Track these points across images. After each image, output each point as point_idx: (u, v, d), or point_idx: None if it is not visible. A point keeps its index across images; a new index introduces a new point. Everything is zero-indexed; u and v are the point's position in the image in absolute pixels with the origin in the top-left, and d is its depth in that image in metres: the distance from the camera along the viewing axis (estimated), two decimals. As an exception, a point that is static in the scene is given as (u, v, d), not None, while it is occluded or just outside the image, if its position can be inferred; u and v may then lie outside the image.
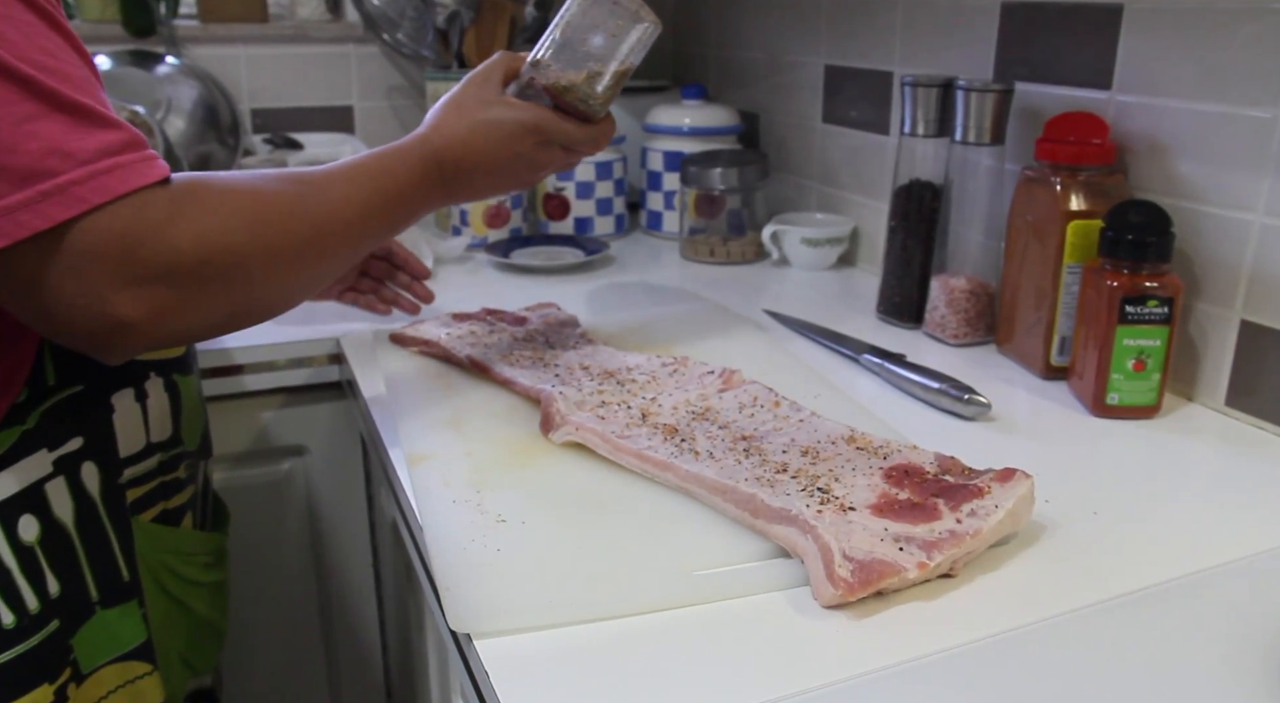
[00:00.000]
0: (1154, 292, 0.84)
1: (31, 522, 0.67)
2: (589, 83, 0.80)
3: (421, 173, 0.76)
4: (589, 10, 0.80)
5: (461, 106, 0.80)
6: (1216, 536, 0.69)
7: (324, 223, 0.68)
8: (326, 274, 0.71)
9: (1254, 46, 0.82)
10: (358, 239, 0.72)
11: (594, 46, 0.80)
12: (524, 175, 0.82)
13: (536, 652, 0.56)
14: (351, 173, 0.72)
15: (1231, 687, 0.54)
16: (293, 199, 0.66)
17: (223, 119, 1.54)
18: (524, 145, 0.80)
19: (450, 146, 0.78)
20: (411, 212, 0.77)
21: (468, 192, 0.81)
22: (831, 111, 1.40)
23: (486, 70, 0.82)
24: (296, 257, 0.66)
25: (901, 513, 0.63)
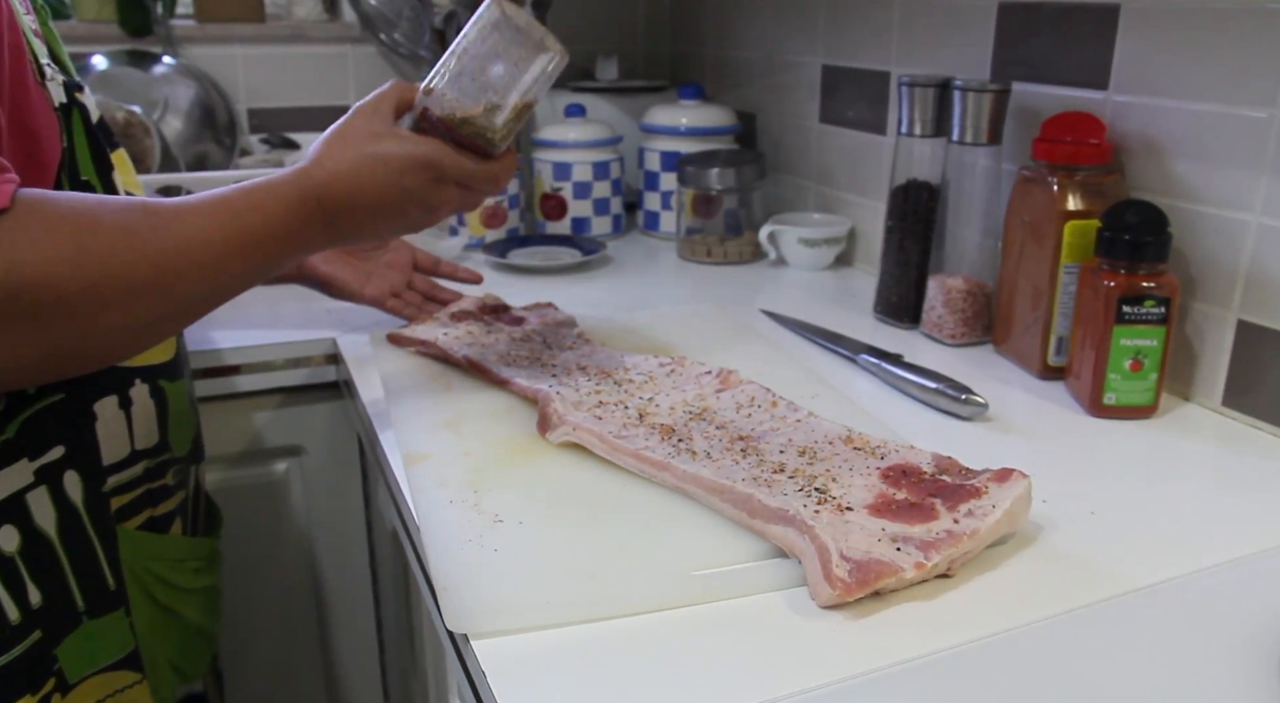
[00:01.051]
0: (1151, 292, 0.84)
1: (11, 532, 0.66)
2: (487, 115, 0.75)
3: (298, 210, 0.69)
4: (489, 37, 0.75)
5: (347, 139, 0.73)
6: (1214, 535, 0.69)
7: (169, 261, 0.61)
8: (173, 317, 0.65)
9: (1250, 46, 0.83)
10: (212, 279, 0.65)
11: (494, 76, 0.75)
12: (416, 215, 0.76)
13: (534, 652, 0.56)
14: (211, 208, 0.65)
15: (1229, 686, 0.54)
16: (135, 233, 0.60)
17: (219, 119, 1.54)
18: (415, 182, 0.73)
19: (333, 182, 0.71)
20: (283, 253, 0.70)
21: (353, 232, 0.74)
22: (828, 111, 1.40)
23: (376, 100, 0.76)
24: (129, 297, 0.59)
25: (899, 513, 0.63)
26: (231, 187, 0.68)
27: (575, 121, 1.48)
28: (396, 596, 1.10)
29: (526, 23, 0.76)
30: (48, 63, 0.68)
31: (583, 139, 1.46)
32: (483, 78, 0.75)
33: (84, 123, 0.71)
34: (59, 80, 0.69)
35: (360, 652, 1.21)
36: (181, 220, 0.63)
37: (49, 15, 0.75)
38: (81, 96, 0.71)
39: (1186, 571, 0.64)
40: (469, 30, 0.76)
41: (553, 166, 1.46)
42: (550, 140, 1.47)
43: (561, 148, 1.46)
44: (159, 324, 0.64)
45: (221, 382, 1.05)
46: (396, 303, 1.07)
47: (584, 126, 1.47)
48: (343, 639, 1.20)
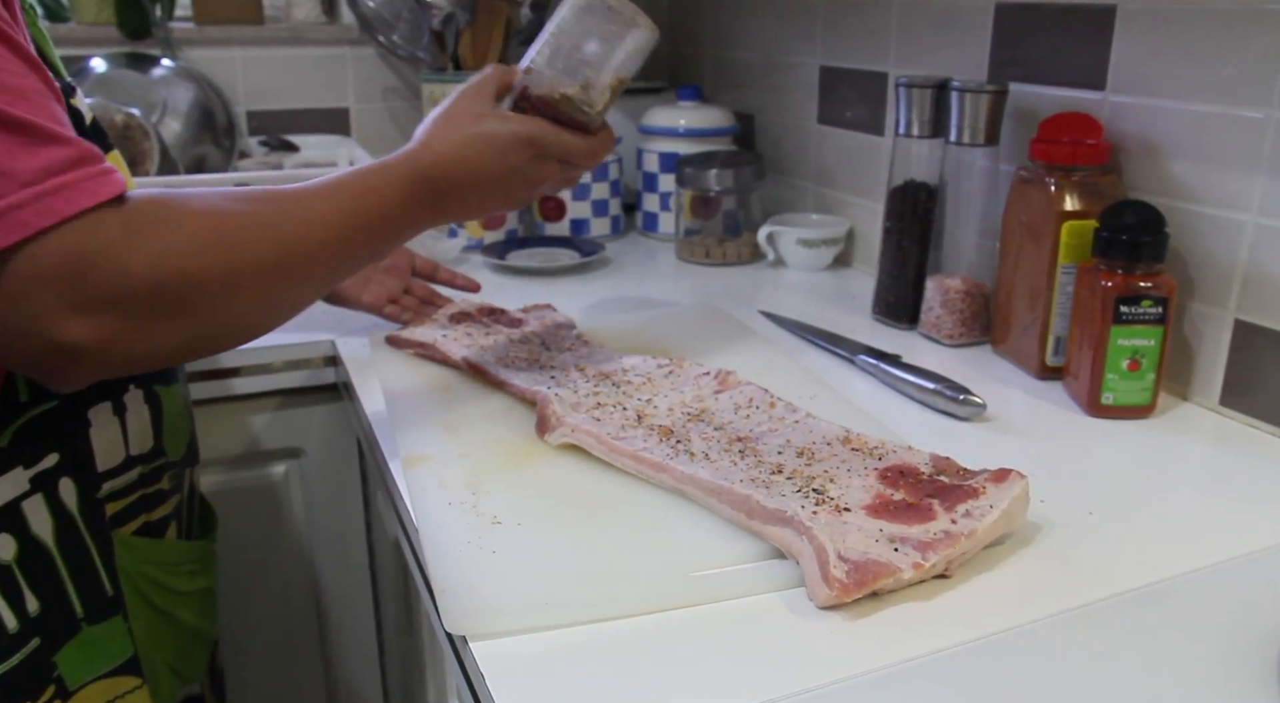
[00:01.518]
0: (1148, 292, 0.84)
1: (8, 541, 0.66)
2: (584, 92, 0.78)
3: (408, 191, 0.72)
4: (582, 16, 0.78)
5: (453, 120, 0.76)
6: (1211, 535, 0.69)
7: (294, 245, 0.64)
8: (300, 298, 0.68)
9: (1247, 47, 0.83)
10: (335, 262, 0.68)
11: (588, 54, 0.78)
12: (520, 191, 0.79)
13: (532, 653, 0.56)
14: (329, 191, 0.68)
15: (1227, 686, 0.54)
16: (259, 219, 0.63)
17: (218, 121, 1.54)
18: (519, 160, 0.76)
19: (441, 163, 0.74)
20: (397, 232, 0.73)
21: (460, 210, 0.77)
22: (827, 112, 1.41)
23: (479, 83, 0.79)
24: (262, 281, 0.62)
25: (896, 514, 0.64)
26: (346, 170, 0.71)
27: (573, 123, 1.48)
28: (396, 597, 1.10)
29: (618, 1, 0.79)
30: None
31: (581, 140, 1.46)
32: (578, 56, 0.78)
33: (77, 127, 0.69)
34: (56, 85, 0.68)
35: (360, 654, 1.22)
36: (302, 205, 0.66)
37: (36, 15, 0.75)
38: (75, 101, 0.71)
39: (1184, 570, 0.64)
40: (563, 10, 0.79)
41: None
42: (549, 142, 1.47)
43: (560, 149, 1.46)
44: (288, 304, 0.67)
45: (220, 384, 1.06)
46: (394, 309, 1.07)
47: (582, 128, 1.47)
48: (343, 641, 1.20)
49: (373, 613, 1.21)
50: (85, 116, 0.72)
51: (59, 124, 0.55)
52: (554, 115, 0.78)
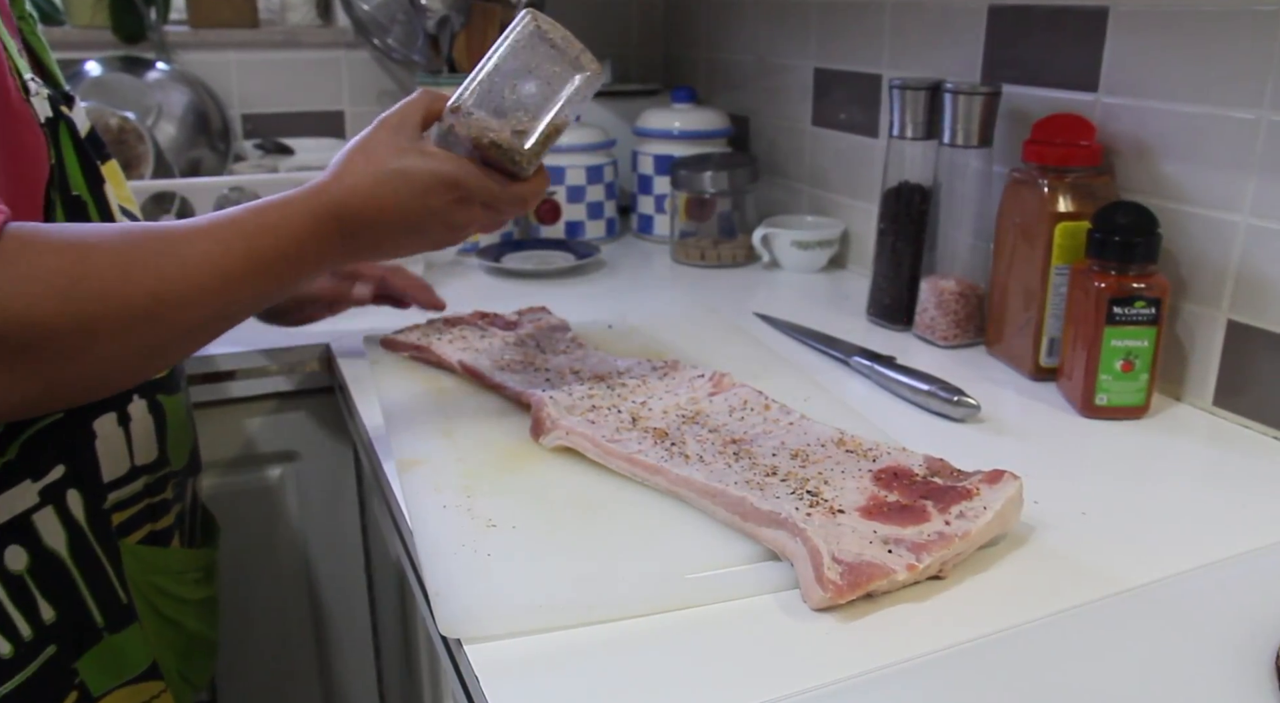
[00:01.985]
0: (1141, 293, 0.84)
1: (19, 552, 0.66)
2: (516, 137, 0.71)
3: (314, 229, 0.67)
4: (520, 52, 0.72)
5: (369, 152, 0.70)
6: (1205, 535, 0.69)
7: (169, 288, 0.59)
8: (180, 346, 0.63)
9: (1238, 48, 0.83)
10: (218, 305, 0.62)
11: (524, 95, 0.71)
12: (438, 234, 0.73)
13: (527, 656, 0.56)
14: (219, 230, 0.63)
15: (1222, 685, 0.54)
16: (129, 258, 0.57)
17: (213, 125, 1.55)
18: (439, 202, 0.70)
19: (353, 199, 0.68)
20: (297, 272, 0.67)
21: (372, 250, 0.71)
22: (821, 114, 1.41)
23: (403, 111, 0.73)
24: (128, 328, 0.57)
25: (890, 515, 0.64)
26: (244, 206, 0.66)
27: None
28: (392, 600, 1.10)
29: (563, 38, 0.73)
30: (31, 78, 0.67)
31: (576, 143, 1.46)
32: (513, 97, 0.71)
33: (72, 137, 0.70)
34: (44, 94, 0.68)
35: (356, 657, 1.22)
36: (186, 244, 0.61)
37: (36, 23, 0.74)
38: (69, 110, 0.70)
39: (1178, 570, 0.65)
40: (501, 45, 0.72)
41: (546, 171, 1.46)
42: (543, 144, 1.47)
43: (555, 152, 1.46)
44: (160, 353, 0.62)
45: (215, 388, 1.06)
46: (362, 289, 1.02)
47: (577, 130, 1.47)
48: (338, 644, 1.20)
49: (369, 616, 1.21)
50: (81, 126, 0.71)
51: None
52: (482, 156, 0.72)
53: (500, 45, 0.72)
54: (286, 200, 0.67)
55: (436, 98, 0.74)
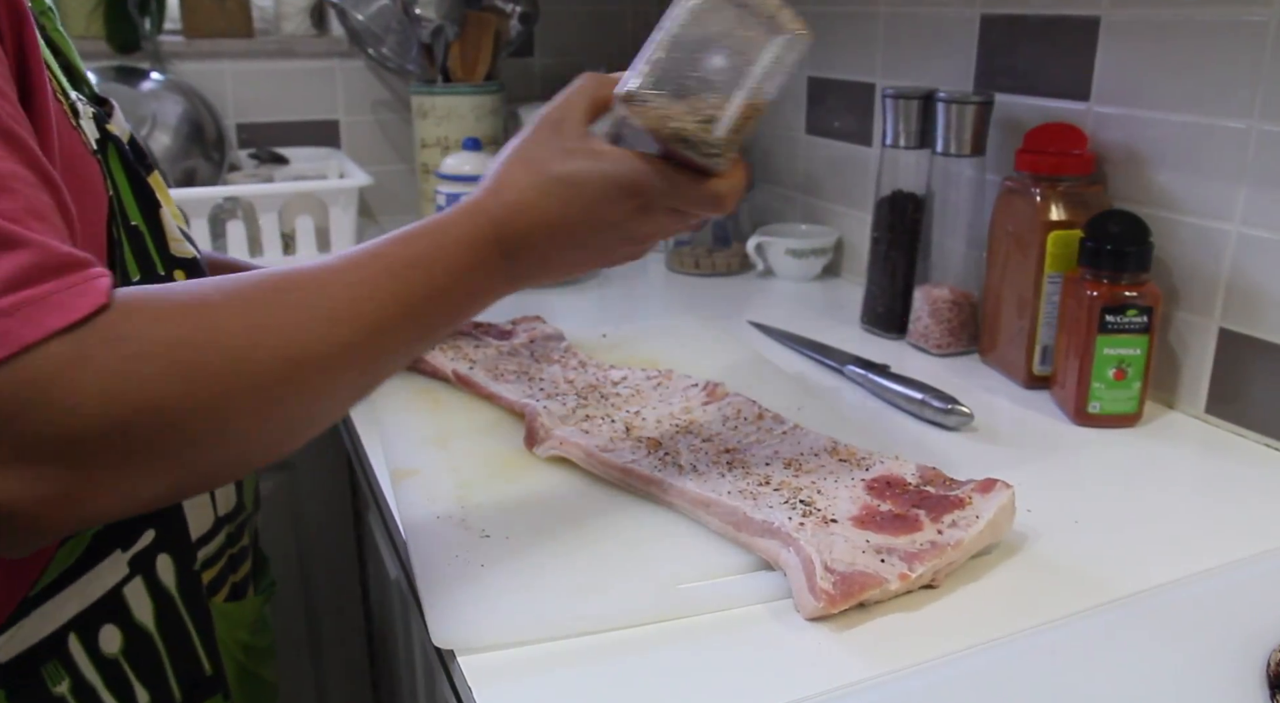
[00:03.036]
0: (1133, 301, 0.85)
1: (113, 632, 0.60)
2: (704, 126, 0.58)
3: (471, 257, 0.57)
4: (701, 17, 0.58)
5: (530, 159, 0.60)
6: (1198, 543, 0.69)
7: (308, 351, 0.49)
8: (327, 410, 0.53)
9: (1229, 58, 0.83)
10: (367, 361, 0.53)
11: (711, 71, 0.58)
12: (618, 249, 0.62)
13: (520, 667, 0.56)
14: (361, 268, 0.53)
15: (1214, 693, 0.54)
16: (258, 318, 0.48)
17: (208, 135, 1.55)
18: (617, 212, 0.59)
19: (513, 216, 0.58)
20: (458, 310, 0.58)
21: (540, 273, 0.61)
22: (815, 123, 1.41)
23: (565, 104, 0.61)
24: (265, 401, 0.48)
25: (883, 524, 0.64)
26: (386, 238, 0.56)
27: (563, 135, 1.48)
28: (386, 610, 1.10)
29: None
30: (77, 97, 0.60)
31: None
32: (696, 74, 0.58)
33: (122, 159, 0.62)
34: (90, 113, 0.60)
35: (351, 666, 1.21)
36: (323, 292, 0.51)
37: (55, 17, 0.64)
38: (112, 125, 0.62)
39: (1171, 578, 0.65)
40: (675, 10, 0.59)
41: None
42: (538, 153, 1.47)
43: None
44: (305, 424, 0.52)
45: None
46: None
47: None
48: (334, 654, 1.20)
49: (363, 626, 1.21)
50: (122, 135, 0.65)
51: (31, 216, 0.43)
52: (665, 150, 0.59)
53: (674, 11, 0.59)
54: (440, 225, 0.57)
55: (603, 84, 0.62)
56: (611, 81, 0.61)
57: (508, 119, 1.62)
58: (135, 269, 0.60)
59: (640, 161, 0.59)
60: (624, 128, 0.61)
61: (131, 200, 0.62)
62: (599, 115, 0.62)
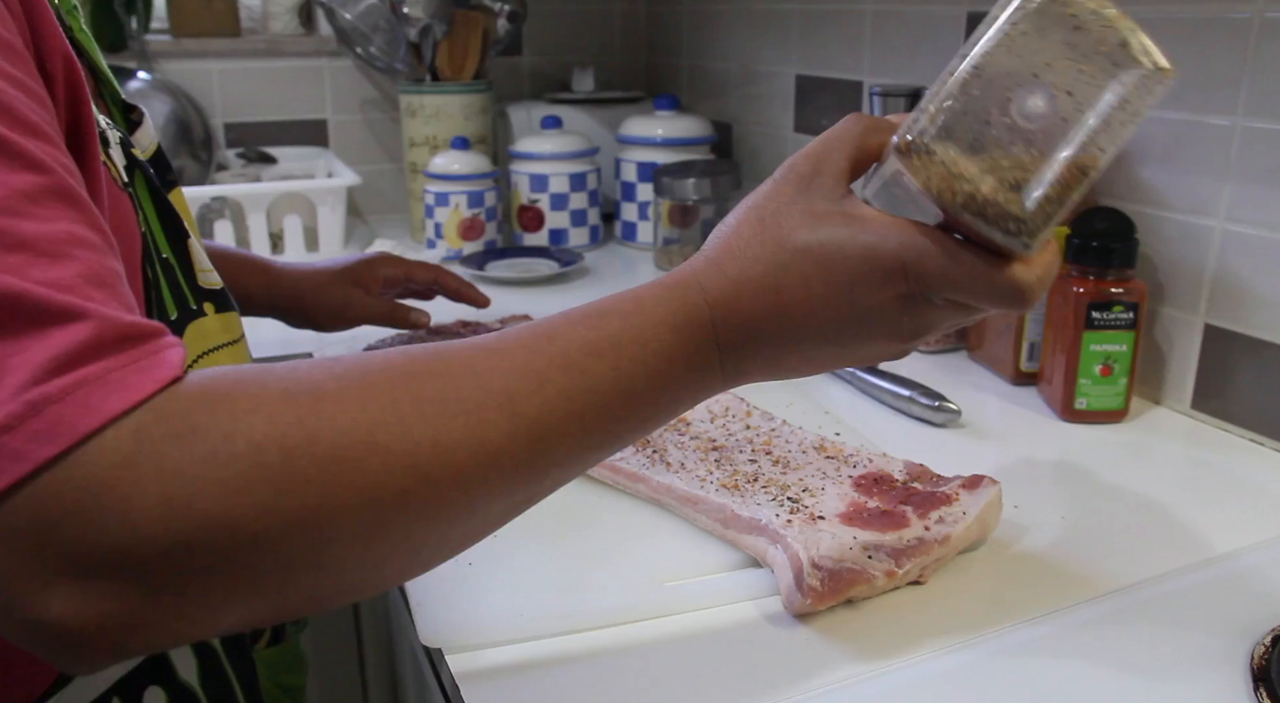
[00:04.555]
0: (1119, 297, 0.85)
1: (157, 693, 0.56)
2: (1009, 191, 0.43)
3: (676, 344, 0.44)
4: (1019, 43, 0.43)
5: (767, 222, 0.46)
6: (1184, 538, 0.70)
7: (447, 460, 0.38)
8: (464, 536, 0.42)
9: (1213, 56, 0.84)
10: (524, 476, 0.41)
11: (1026, 116, 0.43)
12: (873, 346, 0.48)
13: (509, 665, 0.56)
14: (524, 354, 0.42)
15: (1200, 687, 0.54)
16: (386, 417, 0.37)
17: (195, 134, 1.54)
18: (878, 298, 0.45)
19: (740, 296, 0.45)
20: (651, 415, 0.45)
21: (767, 373, 0.48)
22: (803, 121, 1.41)
23: (819, 154, 0.48)
24: (378, 523, 0.37)
25: (870, 521, 0.64)
26: (567, 314, 0.45)
27: (551, 133, 1.48)
28: (375, 610, 1.10)
29: (1093, 13, 0.44)
30: (108, 124, 0.54)
31: (559, 151, 1.47)
32: (1004, 120, 0.43)
33: (148, 185, 0.56)
34: (117, 139, 0.54)
35: (340, 666, 1.21)
36: (471, 384, 0.40)
37: (81, 16, 0.57)
38: (136, 149, 0.56)
39: (1157, 573, 0.65)
40: (985, 32, 0.44)
41: (529, 178, 1.47)
42: (526, 152, 1.47)
43: (538, 160, 1.47)
44: (434, 550, 0.42)
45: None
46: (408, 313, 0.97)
47: (560, 138, 1.48)
48: (322, 653, 1.20)
49: (353, 626, 1.21)
50: (147, 145, 0.60)
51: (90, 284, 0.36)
52: (951, 220, 0.44)
53: (983, 32, 0.44)
54: (635, 301, 0.45)
55: (873, 128, 0.48)
56: (886, 126, 0.48)
57: (496, 118, 1.62)
58: (173, 307, 0.56)
59: (916, 234, 0.44)
60: (896, 189, 0.46)
61: (160, 233, 0.56)
62: (865, 169, 0.49)
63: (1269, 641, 0.56)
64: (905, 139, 0.44)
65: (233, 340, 0.63)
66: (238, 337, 0.64)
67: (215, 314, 0.60)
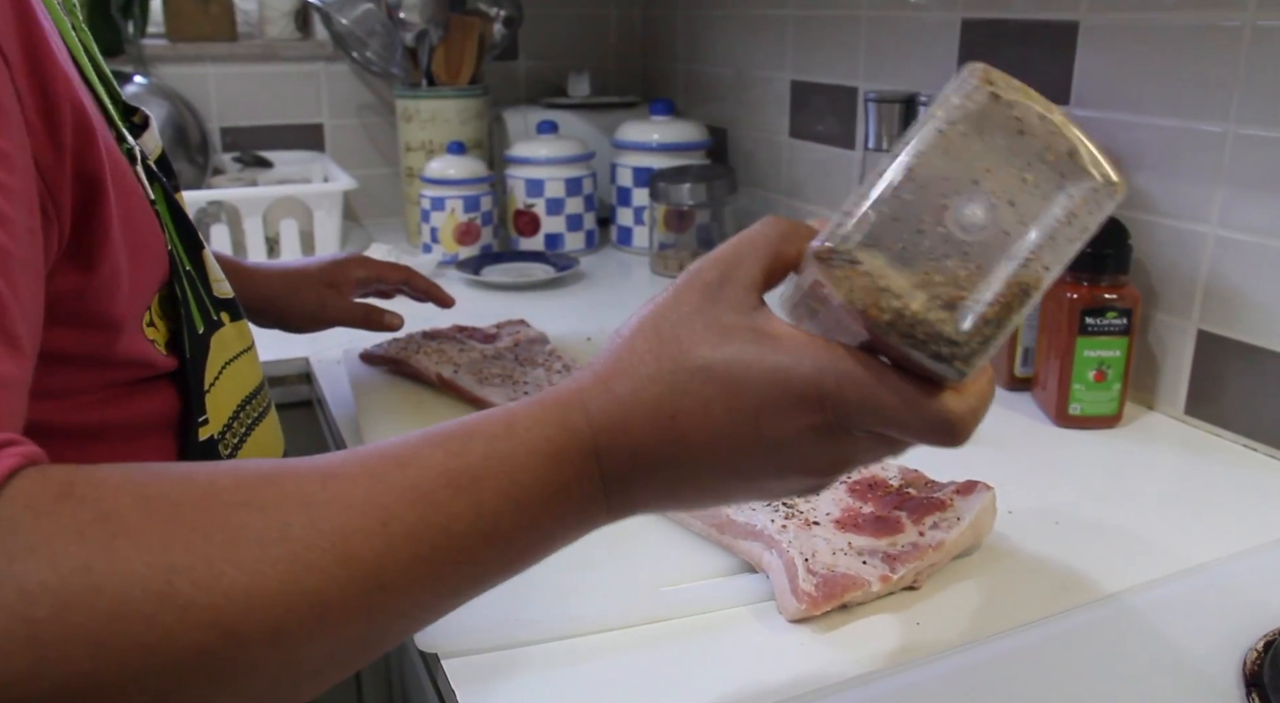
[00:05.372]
0: (1113, 303, 0.85)
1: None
2: (943, 310, 0.38)
3: (551, 474, 0.39)
4: (957, 143, 0.39)
5: (664, 336, 0.40)
6: (1177, 543, 0.70)
7: (255, 615, 0.33)
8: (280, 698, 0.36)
9: (1205, 62, 0.84)
10: (363, 629, 0.36)
11: (962, 226, 0.39)
12: (784, 482, 0.42)
13: (504, 669, 0.56)
14: (370, 483, 0.36)
15: (1192, 692, 0.54)
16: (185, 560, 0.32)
17: (192, 138, 1.54)
18: (789, 426, 0.39)
19: (629, 420, 0.40)
20: (519, 556, 0.40)
21: (659, 507, 0.43)
22: (798, 126, 1.42)
23: (728, 259, 0.42)
24: (172, 687, 0.32)
25: (865, 527, 0.64)
26: (426, 434, 0.39)
27: (547, 138, 1.49)
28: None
29: (1040, 117, 0.40)
30: (132, 143, 0.52)
31: (555, 155, 1.47)
32: (939, 230, 0.39)
33: (166, 198, 0.54)
34: (137, 151, 0.52)
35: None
36: (307, 522, 0.34)
37: (78, 15, 0.54)
38: (151, 160, 0.55)
39: (1150, 579, 0.65)
40: (920, 127, 0.40)
41: (525, 183, 1.47)
42: (522, 157, 1.47)
43: (534, 164, 1.47)
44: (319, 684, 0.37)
45: (194, 402, 1.05)
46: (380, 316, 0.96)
47: (556, 143, 1.48)
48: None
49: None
50: (152, 150, 0.58)
51: None
52: (876, 341, 0.39)
53: (916, 128, 0.40)
54: (507, 421, 0.39)
55: (791, 233, 0.42)
56: (805, 232, 0.42)
57: (492, 122, 1.62)
58: (200, 321, 0.56)
59: (836, 356, 0.39)
60: (814, 302, 0.41)
61: (180, 246, 0.54)
62: (779, 278, 0.43)
63: (1261, 646, 0.57)
64: (826, 246, 0.39)
65: (245, 348, 0.63)
66: (250, 344, 0.64)
67: (230, 323, 0.60)
